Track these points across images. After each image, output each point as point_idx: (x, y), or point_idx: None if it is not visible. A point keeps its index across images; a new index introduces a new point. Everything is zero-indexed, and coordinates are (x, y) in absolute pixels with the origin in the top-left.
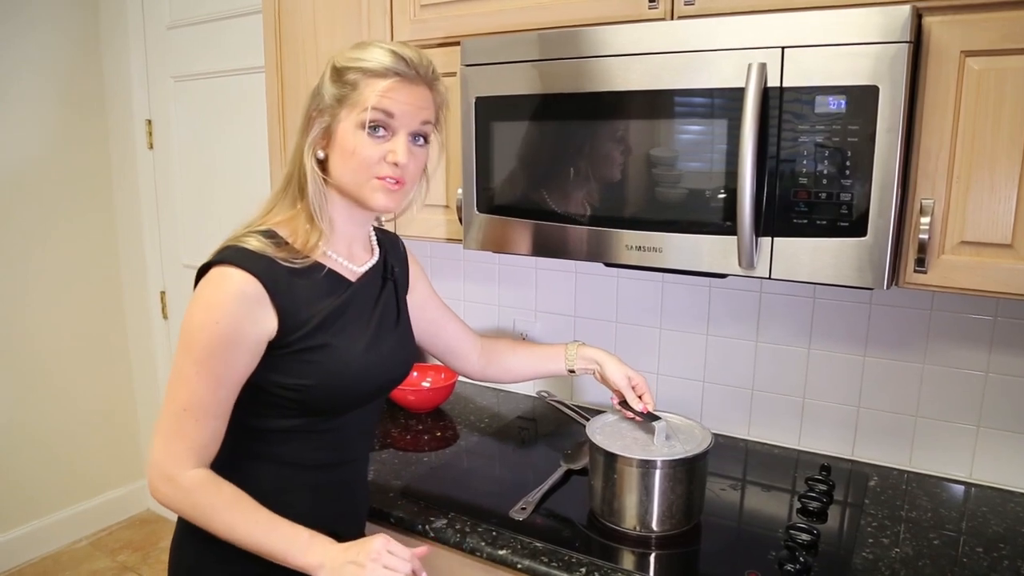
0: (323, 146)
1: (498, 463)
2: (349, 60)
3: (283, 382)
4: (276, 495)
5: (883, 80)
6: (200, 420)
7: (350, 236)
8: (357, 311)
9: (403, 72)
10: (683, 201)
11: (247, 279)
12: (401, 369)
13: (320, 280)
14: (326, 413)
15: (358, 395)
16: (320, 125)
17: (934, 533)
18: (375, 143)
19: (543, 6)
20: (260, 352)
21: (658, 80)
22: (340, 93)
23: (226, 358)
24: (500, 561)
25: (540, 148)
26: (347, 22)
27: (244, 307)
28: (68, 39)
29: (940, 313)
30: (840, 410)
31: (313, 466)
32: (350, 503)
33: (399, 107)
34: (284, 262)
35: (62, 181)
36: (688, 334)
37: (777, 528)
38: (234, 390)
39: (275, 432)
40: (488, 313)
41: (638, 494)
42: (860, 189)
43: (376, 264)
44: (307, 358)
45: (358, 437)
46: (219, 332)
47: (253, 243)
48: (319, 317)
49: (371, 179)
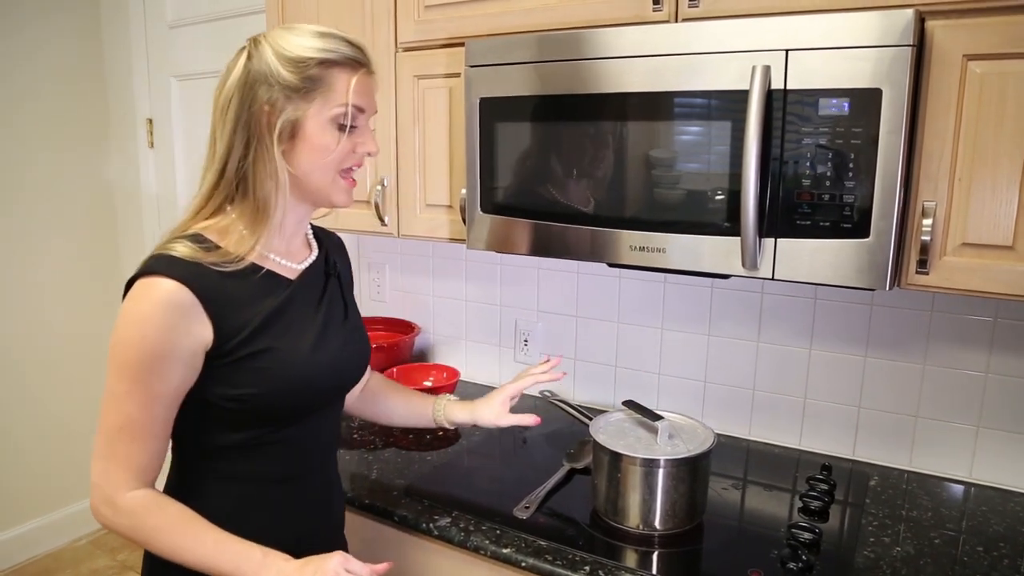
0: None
1: (501, 462)
2: (304, 48)
3: (228, 393)
4: (234, 515)
5: (886, 83)
6: (137, 439)
7: (290, 233)
8: (300, 310)
9: (364, 62)
10: (686, 202)
11: (175, 288)
12: (355, 367)
13: (257, 281)
14: (277, 422)
15: (310, 399)
16: (283, 120)
17: (935, 532)
18: (346, 138)
19: (547, 8)
20: (197, 364)
21: (662, 82)
22: (304, 86)
23: (159, 374)
24: (504, 559)
25: (544, 149)
26: (351, 23)
27: (173, 318)
28: (69, 37)
29: (941, 314)
30: (841, 410)
31: (271, 480)
32: (318, 516)
33: (366, 100)
34: (215, 266)
35: (63, 179)
36: (690, 334)
37: (779, 527)
38: (171, 406)
39: (226, 448)
40: (490, 313)
41: (641, 493)
42: (863, 191)
43: (316, 260)
44: (250, 365)
45: (318, 446)
46: (148, 347)
47: (180, 249)
48: (258, 320)
49: (337, 177)
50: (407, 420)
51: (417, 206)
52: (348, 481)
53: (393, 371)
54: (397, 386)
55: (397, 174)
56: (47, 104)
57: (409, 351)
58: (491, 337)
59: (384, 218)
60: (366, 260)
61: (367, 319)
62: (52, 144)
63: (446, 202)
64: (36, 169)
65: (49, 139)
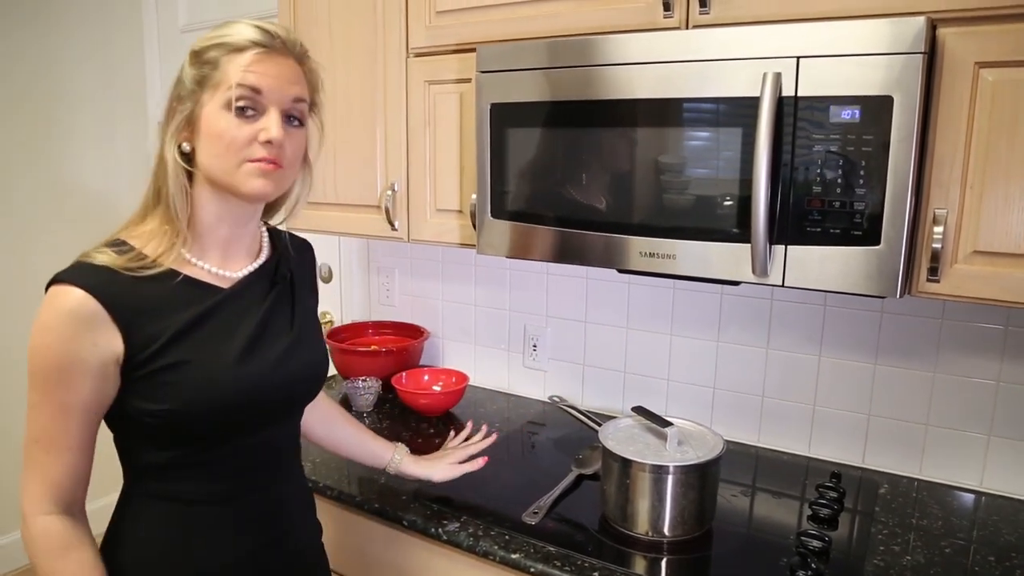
0: (187, 137)
1: (509, 467)
2: (207, 40)
3: (145, 408)
4: (175, 537)
5: (897, 90)
6: (50, 452)
7: (224, 239)
8: (227, 320)
9: (267, 43)
10: (696, 208)
11: (80, 297)
12: (298, 382)
13: (175, 289)
14: (204, 440)
15: (240, 415)
16: (182, 114)
17: (945, 541)
18: (244, 123)
19: (558, 14)
20: (109, 376)
21: (673, 88)
22: (200, 74)
23: (66, 385)
24: (513, 565)
25: (555, 155)
26: (362, 28)
27: (77, 328)
28: (81, 41)
29: (951, 322)
30: (851, 418)
31: (210, 501)
32: (263, 540)
33: (266, 81)
34: (129, 272)
35: (71, 186)
36: (699, 340)
37: (788, 535)
38: (87, 419)
39: (157, 466)
40: (499, 318)
41: (650, 499)
42: (873, 198)
43: (262, 267)
44: (164, 379)
45: (261, 465)
46: (53, 357)
47: (98, 256)
48: (172, 330)
49: (243, 163)
50: (357, 457)
51: (427, 211)
52: (357, 485)
53: (402, 375)
54: (351, 419)
55: (407, 179)
56: (58, 108)
57: (418, 355)
58: (500, 342)
59: (394, 223)
60: (375, 264)
61: (377, 323)
62: (64, 145)
63: (456, 207)
64: (46, 169)
65: (60, 141)
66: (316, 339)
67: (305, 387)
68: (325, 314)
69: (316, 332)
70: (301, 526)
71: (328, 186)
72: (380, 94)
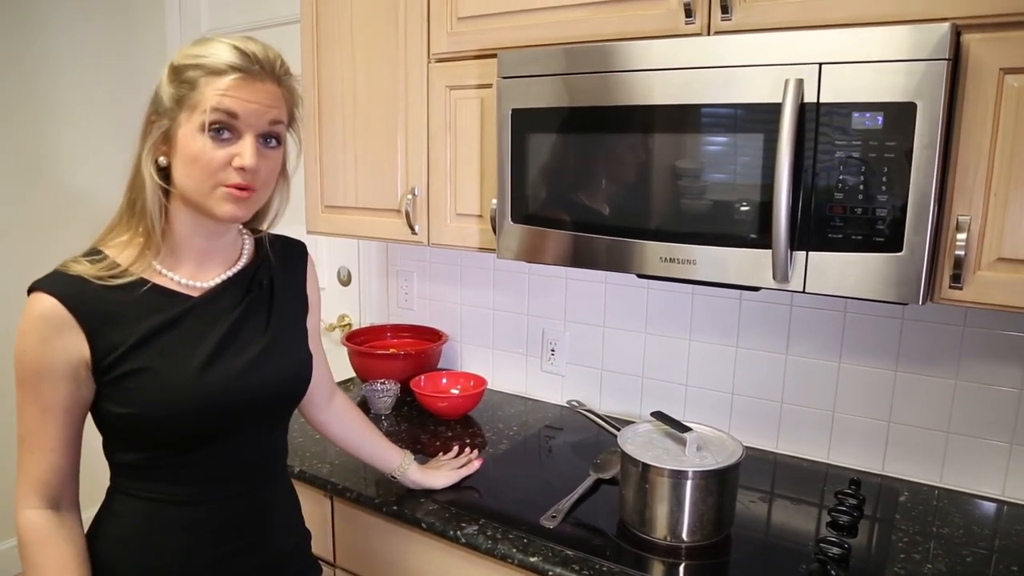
0: (164, 152)
1: (527, 471)
2: (187, 57)
3: (115, 411)
4: (148, 534)
5: (921, 97)
6: (35, 451)
7: (200, 250)
8: (194, 328)
9: (245, 68)
10: (717, 214)
11: (50, 303)
12: (274, 385)
13: (144, 297)
14: (170, 445)
15: (207, 419)
16: (159, 129)
17: (966, 550)
18: (218, 147)
19: (579, 20)
20: (82, 379)
21: (695, 94)
22: (178, 94)
23: (42, 387)
24: (531, 568)
25: (576, 160)
26: (384, 34)
27: (48, 333)
28: (104, 46)
29: (973, 329)
30: (870, 425)
31: (181, 503)
32: (249, 539)
33: (242, 106)
34: (98, 280)
35: (86, 192)
36: (717, 346)
37: (807, 541)
38: (67, 421)
39: (133, 466)
40: (517, 323)
41: (669, 504)
42: (896, 205)
43: (237, 275)
44: (128, 384)
45: (239, 470)
46: (28, 361)
47: (73, 266)
48: (135, 336)
49: (217, 187)
50: (367, 459)
51: (447, 215)
52: (375, 487)
53: (420, 379)
54: (367, 423)
55: (428, 183)
56: (81, 112)
57: (436, 359)
58: (518, 346)
59: (414, 227)
60: (394, 268)
61: (396, 326)
62: (85, 155)
63: (476, 212)
64: (66, 186)
65: (83, 150)
66: (296, 345)
67: (279, 393)
68: (344, 317)
69: (297, 338)
70: (283, 534)
71: (349, 190)
72: (401, 99)
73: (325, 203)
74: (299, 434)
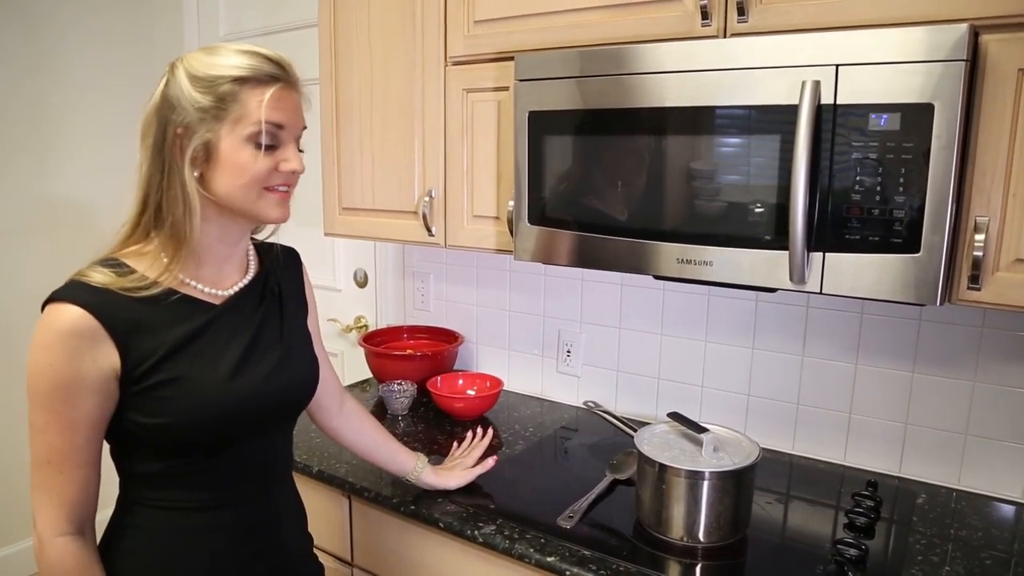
0: (201, 163)
1: (544, 472)
2: (216, 67)
3: (142, 421)
4: (170, 543)
5: (939, 98)
6: (64, 471)
7: (221, 258)
8: (220, 335)
9: (284, 78)
10: (734, 216)
11: (78, 315)
12: (290, 392)
13: (171, 307)
14: (199, 451)
15: (233, 428)
16: (198, 141)
17: (985, 553)
18: (266, 156)
19: (596, 23)
20: (110, 391)
21: (711, 96)
22: (216, 106)
23: (72, 402)
24: (549, 568)
25: (592, 162)
26: (401, 37)
27: (76, 345)
28: (123, 48)
29: (992, 330)
30: (887, 426)
31: (204, 508)
32: (261, 546)
33: (287, 117)
34: (127, 292)
35: (110, 196)
36: (733, 347)
37: (824, 543)
38: (93, 434)
39: (154, 476)
40: (533, 324)
41: (686, 505)
42: (914, 206)
43: (251, 282)
44: (159, 394)
45: (257, 473)
46: (55, 375)
47: (94, 276)
48: (167, 346)
49: (264, 194)
50: (382, 463)
51: (464, 217)
52: (392, 487)
53: (437, 380)
54: (380, 427)
55: (445, 185)
56: (100, 116)
57: (453, 360)
58: (534, 348)
59: (431, 228)
60: (411, 269)
61: (412, 328)
62: (105, 157)
63: (493, 213)
64: (85, 188)
65: (102, 152)
66: (306, 350)
67: (295, 398)
68: (360, 318)
69: (305, 342)
70: (292, 537)
71: (366, 192)
72: (418, 102)
73: (343, 205)
74: (317, 435)
